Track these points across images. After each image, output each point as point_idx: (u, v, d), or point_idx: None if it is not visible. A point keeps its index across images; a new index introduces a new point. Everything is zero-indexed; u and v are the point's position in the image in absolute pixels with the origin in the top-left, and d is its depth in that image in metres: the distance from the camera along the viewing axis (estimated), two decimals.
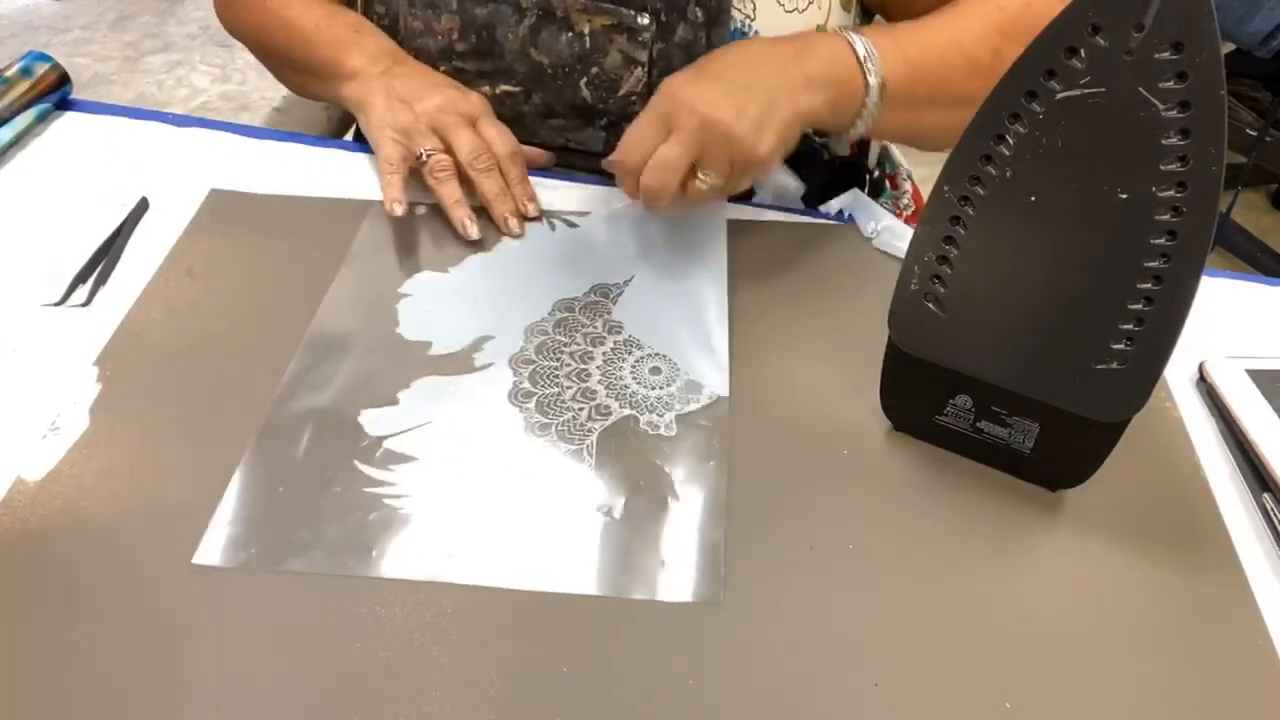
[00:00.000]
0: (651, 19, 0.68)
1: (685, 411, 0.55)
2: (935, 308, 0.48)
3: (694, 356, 0.58)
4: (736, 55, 0.61)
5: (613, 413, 0.55)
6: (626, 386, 0.56)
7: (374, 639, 0.44)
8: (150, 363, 0.56)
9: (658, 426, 0.54)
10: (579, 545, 0.48)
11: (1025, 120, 0.41)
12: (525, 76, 0.71)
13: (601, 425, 0.54)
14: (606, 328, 0.60)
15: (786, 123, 0.59)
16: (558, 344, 0.58)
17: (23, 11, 2.75)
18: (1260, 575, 0.49)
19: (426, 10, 0.70)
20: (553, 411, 0.54)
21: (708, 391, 0.56)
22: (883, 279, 0.50)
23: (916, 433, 0.54)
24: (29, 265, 0.62)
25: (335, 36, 0.72)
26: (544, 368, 0.57)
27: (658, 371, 0.57)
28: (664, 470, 0.52)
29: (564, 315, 0.61)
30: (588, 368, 0.57)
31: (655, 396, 0.56)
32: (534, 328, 0.59)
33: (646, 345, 0.59)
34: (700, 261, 0.65)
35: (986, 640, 0.45)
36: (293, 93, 0.85)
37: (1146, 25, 0.37)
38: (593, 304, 0.62)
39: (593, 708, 0.42)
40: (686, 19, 0.68)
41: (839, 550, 0.49)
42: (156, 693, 0.42)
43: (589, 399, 0.55)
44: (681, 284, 0.63)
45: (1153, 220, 0.40)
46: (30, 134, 0.73)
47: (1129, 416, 0.46)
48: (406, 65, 0.70)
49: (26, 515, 0.48)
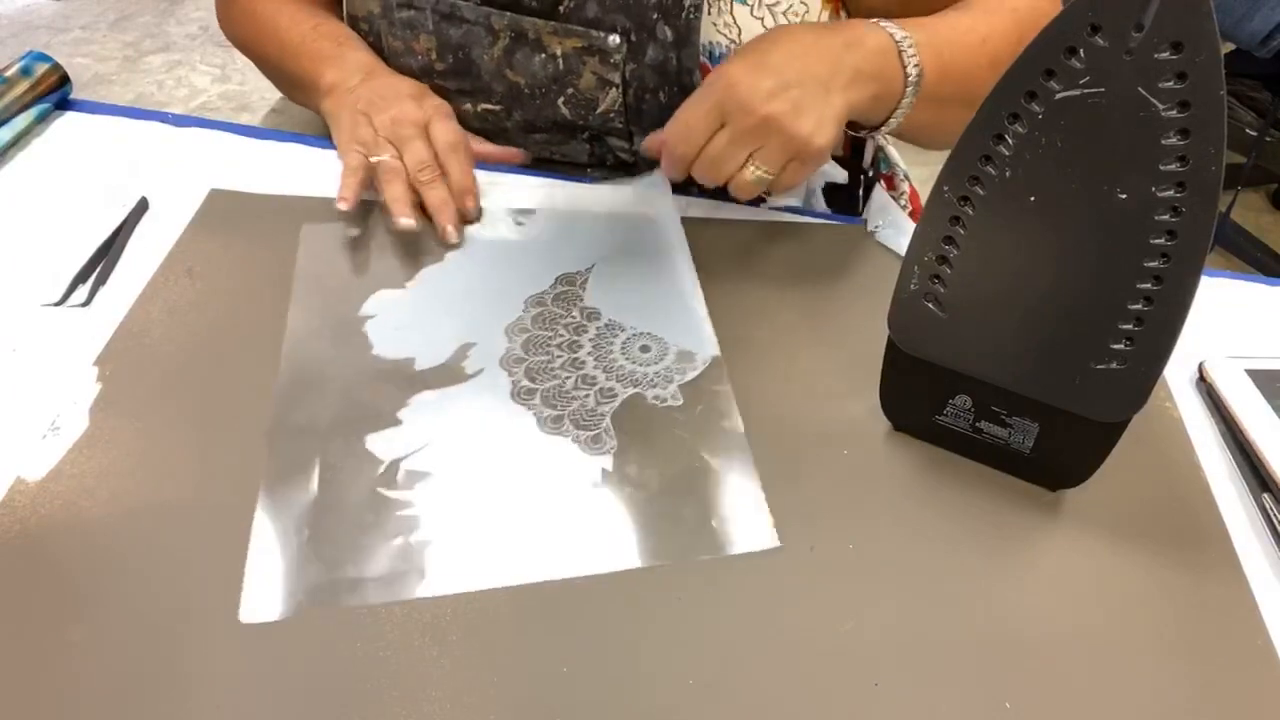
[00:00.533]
0: (622, 40, 0.68)
1: (686, 380, 0.56)
2: (935, 308, 0.48)
3: (677, 329, 0.60)
4: (790, 43, 0.60)
5: (618, 393, 0.55)
6: (623, 367, 0.57)
7: (374, 639, 0.44)
8: (150, 363, 0.56)
9: (664, 399, 0.55)
10: (624, 525, 0.49)
11: (1025, 120, 0.41)
12: (504, 95, 0.72)
13: (611, 407, 0.55)
14: (585, 315, 0.60)
15: (840, 116, 0.59)
16: (542, 338, 0.59)
17: (23, 11, 2.75)
18: (1260, 575, 0.49)
19: (405, 31, 0.71)
20: (560, 403, 0.55)
21: (700, 357, 0.58)
22: (883, 279, 0.50)
23: (916, 433, 0.54)
24: (29, 265, 0.62)
25: (318, 50, 0.73)
26: (537, 363, 0.57)
27: (647, 349, 0.58)
28: (684, 437, 0.53)
29: (538, 310, 0.61)
30: (579, 356, 0.57)
31: (654, 372, 0.57)
32: (514, 326, 0.60)
33: (629, 326, 0.60)
34: (656, 234, 0.66)
35: (986, 640, 0.45)
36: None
37: (1146, 25, 0.37)
38: (562, 294, 0.62)
39: (593, 707, 0.42)
40: (656, 39, 0.68)
41: (839, 550, 0.49)
42: (157, 692, 0.42)
43: (590, 384, 0.56)
44: (646, 260, 0.64)
45: (1152, 220, 0.40)
46: (30, 134, 0.73)
47: (1129, 416, 0.47)
48: (379, 78, 0.71)
49: (26, 515, 0.48)
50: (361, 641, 0.44)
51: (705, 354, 0.58)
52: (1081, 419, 0.47)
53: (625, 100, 0.70)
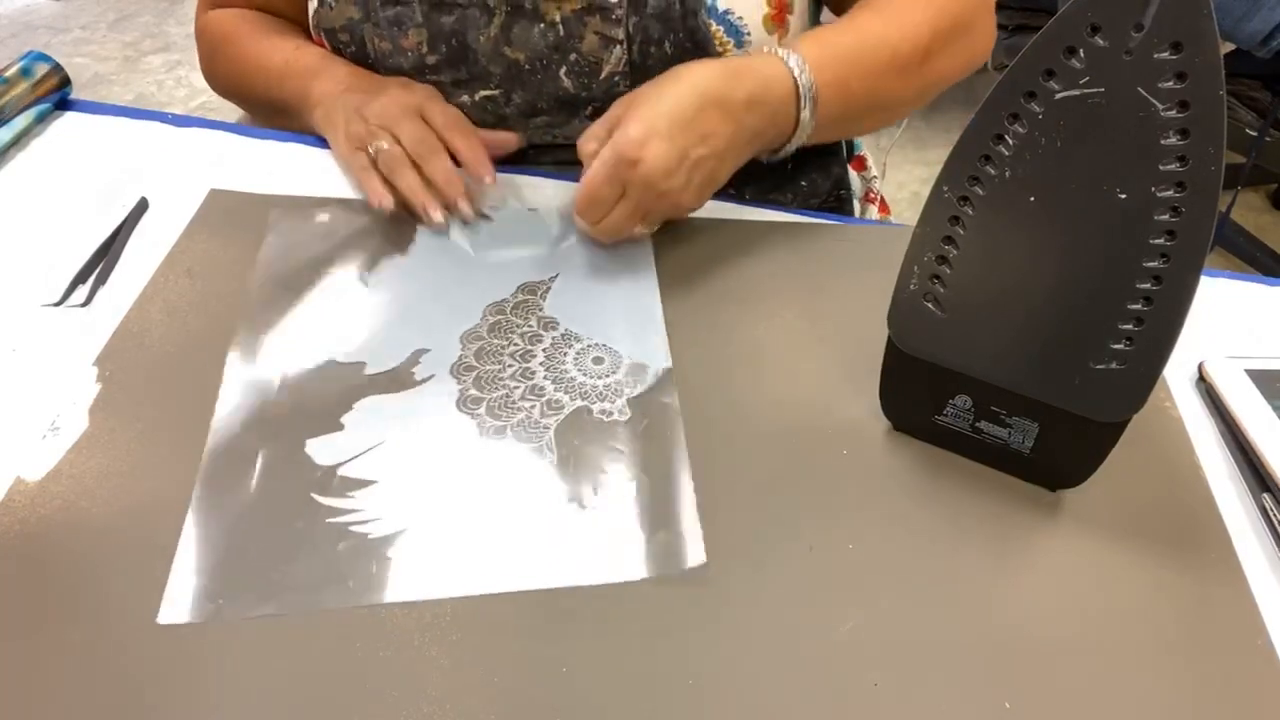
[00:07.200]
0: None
1: (635, 394, 0.56)
2: (935, 308, 0.48)
3: (632, 341, 0.59)
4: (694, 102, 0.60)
5: (564, 406, 0.55)
6: (573, 379, 0.56)
7: (374, 639, 0.44)
8: (150, 363, 0.56)
9: (611, 413, 0.54)
10: (556, 541, 0.48)
11: (1025, 120, 0.41)
12: (503, 77, 0.71)
13: (556, 420, 0.54)
14: (541, 324, 0.60)
15: (725, 178, 0.65)
16: (496, 347, 0.58)
17: (23, 11, 2.75)
18: (1260, 575, 0.49)
19: (392, 28, 0.70)
20: (505, 414, 0.54)
21: (653, 370, 0.57)
22: (883, 279, 0.50)
23: (916, 433, 0.54)
24: (29, 265, 0.62)
25: (303, 68, 0.73)
26: (487, 372, 0.56)
27: (600, 361, 0.58)
28: (625, 453, 0.52)
29: (496, 318, 0.60)
30: (530, 366, 0.57)
31: (604, 385, 0.56)
32: (469, 334, 0.59)
33: (585, 337, 0.59)
34: (622, 251, 0.66)
35: (986, 640, 0.45)
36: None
37: (1146, 25, 0.37)
38: (523, 303, 0.61)
39: (592, 708, 0.42)
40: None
41: (839, 550, 0.49)
42: (158, 692, 0.42)
43: (538, 396, 0.55)
44: (608, 273, 0.64)
45: (1152, 220, 0.40)
46: (30, 134, 0.73)
47: (1129, 416, 0.47)
48: (366, 80, 0.71)
49: (26, 515, 0.48)
50: (362, 641, 0.44)
51: (657, 366, 0.57)
52: (1081, 419, 0.47)
53: (630, 57, 0.69)
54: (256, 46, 0.77)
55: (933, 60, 0.68)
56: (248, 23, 0.79)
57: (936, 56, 0.68)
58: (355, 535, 0.48)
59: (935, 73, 0.70)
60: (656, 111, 0.59)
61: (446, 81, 0.72)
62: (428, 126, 0.67)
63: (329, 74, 0.72)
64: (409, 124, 0.66)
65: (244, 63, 0.78)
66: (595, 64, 0.70)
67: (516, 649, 0.44)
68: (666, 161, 0.59)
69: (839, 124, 0.68)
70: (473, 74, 0.71)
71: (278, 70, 0.75)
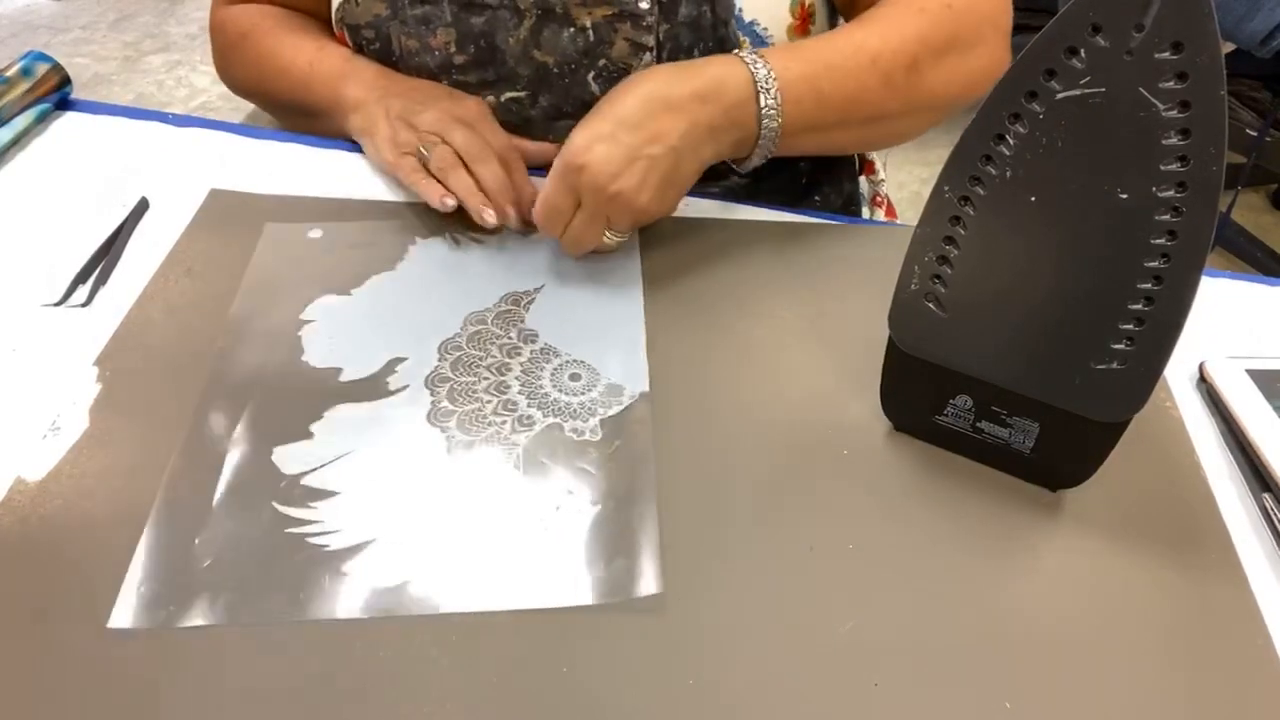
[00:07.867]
0: (652, 2, 0.67)
1: (609, 415, 0.54)
2: (935, 308, 0.48)
3: (612, 360, 0.58)
4: (641, 106, 0.60)
5: (536, 423, 0.54)
6: (548, 395, 0.55)
7: (374, 639, 0.44)
8: (150, 363, 0.56)
9: (583, 432, 0.53)
10: (516, 561, 0.47)
11: (1025, 120, 0.41)
12: (530, 79, 0.70)
13: (526, 436, 0.53)
14: (521, 337, 0.59)
15: (689, 178, 0.63)
16: (473, 359, 0.57)
17: (23, 11, 2.75)
18: (1260, 575, 0.49)
19: (420, 27, 0.70)
20: (475, 428, 0.53)
21: (629, 392, 0.56)
22: (883, 279, 0.50)
23: (916, 433, 0.54)
24: (29, 265, 0.62)
25: (330, 70, 0.72)
26: (461, 384, 0.55)
27: (577, 378, 0.56)
28: (593, 474, 0.51)
29: (477, 328, 0.59)
30: (506, 379, 0.56)
31: (578, 403, 0.55)
32: (447, 344, 0.58)
33: (564, 353, 0.58)
34: (610, 265, 0.65)
35: (986, 640, 0.45)
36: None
37: (1146, 25, 0.37)
38: (504, 313, 0.61)
39: (592, 709, 0.42)
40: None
41: (839, 550, 0.49)
42: (159, 692, 0.42)
43: (510, 411, 0.54)
44: (593, 289, 0.63)
45: (1153, 220, 0.40)
46: (30, 134, 0.73)
47: (1129, 416, 0.46)
48: (400, 84, 0.70)
49: (26, 515, 0.48)
50: (362, 641, 0.44)
51: (634, 389, 0.56)
52: (1082, 419, 0.47)
53: (659, 64, 0.69)
54: (278, 45, 0.76)
55: (922, 72, 0.66)
56: (267, 19, 0.78)
57: (928, 70, 0.66)
58: (312, 547, 0.47)
59: (926, 87, 0.66)
60: (602, 116, 0.60)
61: (473, 82, 0.71)
62: (479, 134, 0.66)
63: (357, 77, 0.71)
64: (460, 131, 0.66)
65: (264, 63, 0.77)
66: (624, 70, 0.69)
67: (517, 650, 0.44)
68: (610, 163, 0.58)
69: (817, 130, 0.65)
70: (500, 75, 0.71)
71: (302, 73, 0.74)
